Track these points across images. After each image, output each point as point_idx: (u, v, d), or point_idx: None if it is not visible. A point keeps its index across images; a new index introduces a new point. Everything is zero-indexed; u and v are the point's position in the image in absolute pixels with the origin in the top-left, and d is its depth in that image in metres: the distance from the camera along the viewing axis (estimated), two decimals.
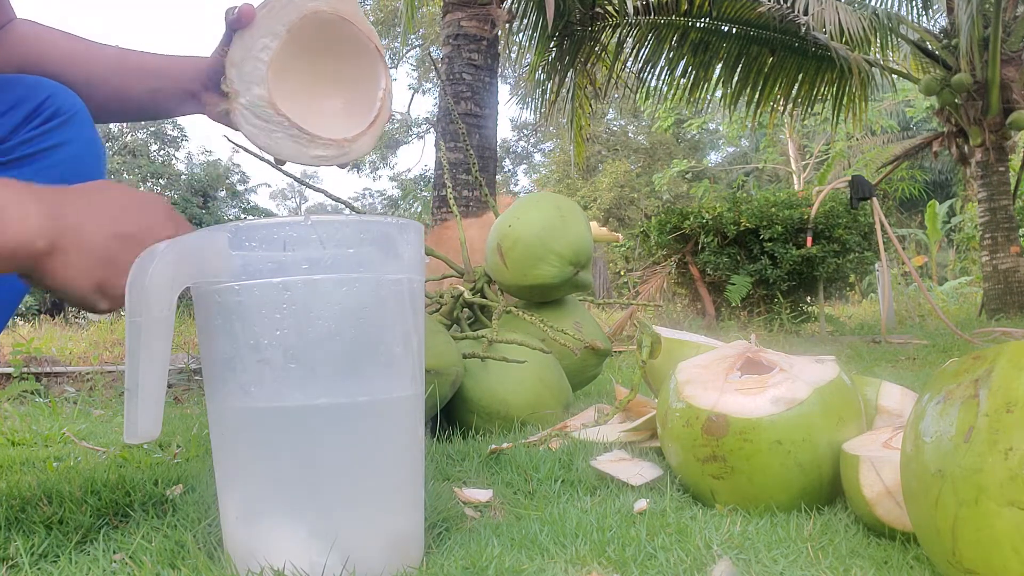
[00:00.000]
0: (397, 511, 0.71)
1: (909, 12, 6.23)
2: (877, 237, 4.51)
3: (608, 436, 1.18)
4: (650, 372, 1.28)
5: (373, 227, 0.69)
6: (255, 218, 0.81)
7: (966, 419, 0.61)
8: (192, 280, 0.66)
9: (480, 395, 1.39)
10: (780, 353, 1.00)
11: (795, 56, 5.92)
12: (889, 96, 13.16)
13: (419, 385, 0.73)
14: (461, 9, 4.44)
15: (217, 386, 0.69)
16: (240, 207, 19.55)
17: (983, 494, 0.58)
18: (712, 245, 5.37)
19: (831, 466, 0.87)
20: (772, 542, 0.77)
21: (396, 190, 23.47)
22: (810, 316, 5.49)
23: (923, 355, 3.06)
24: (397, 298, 0.70)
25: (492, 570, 0.69)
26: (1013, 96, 5.68)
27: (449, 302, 1.65)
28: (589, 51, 5.96)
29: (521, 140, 23.04)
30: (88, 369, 3.29)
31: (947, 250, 13.47)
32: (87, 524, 0.80)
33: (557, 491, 0.97)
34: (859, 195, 4.13)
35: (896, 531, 0.76)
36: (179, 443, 1.30)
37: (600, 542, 0.76)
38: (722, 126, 17.22)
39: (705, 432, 0.89)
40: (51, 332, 6.00)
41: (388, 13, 16.73)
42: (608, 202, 17.74)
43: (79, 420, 1.78)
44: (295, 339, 0.66)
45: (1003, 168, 5.91)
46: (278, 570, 0.65)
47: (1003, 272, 5.82)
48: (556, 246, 1.54)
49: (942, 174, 15.88)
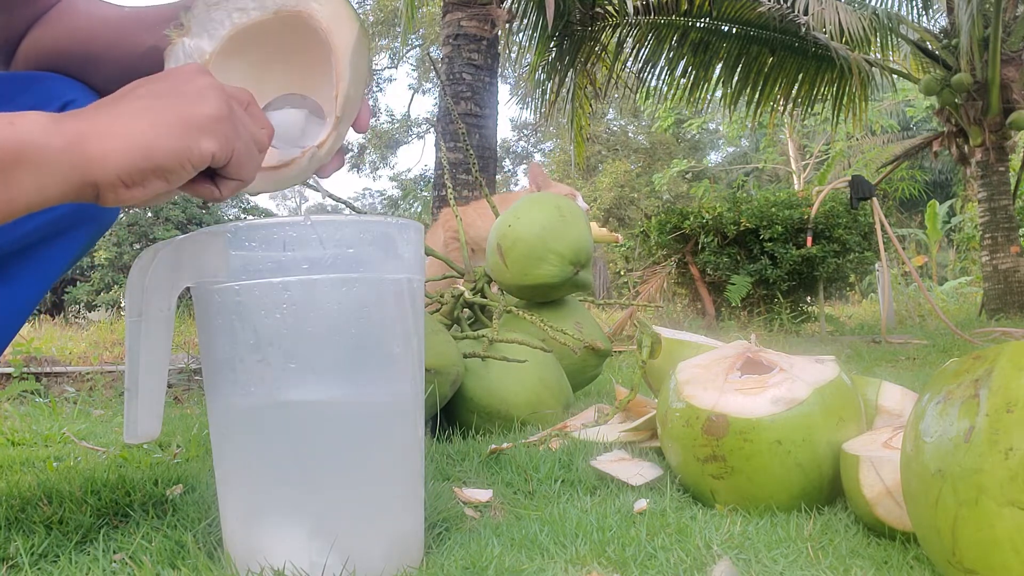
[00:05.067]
0: (397, 511, 0.71)
1: (909, 12, 6.23)
2: (877, 237, 4.51)
3: (608, 436, 1.18)
4: (650, 372, 1.28)
5: (373, 227, 0.69)
6: (255, 218, 0.81)
7: (966, 419, 0.61)
8: (192, 280, 0.66)
9: (480, 395, 1.39)
10: (780, 353, 1.00)
11: (795, 56, 5.92)
12: (889, 96, 13.15)
13: (419, 385, 0.73)
14: (461, 9, 4.44)
15: (217, 386, 0.69)
16: (240, 207, 19.55)
17: (983, 494, 0.58)
18: (712, 245, 5.37)
19: (831, 466, 0.87)
20: (772, 542, 0.77)
21: (396, 190, 23.47)
22: (810, 316, 5.49)
23: (923, 355, 3.06)
24: (397, 298, 0.70)
25: (492, 570, 0.69)
26: (1013, 96, 5.68)
27: (449, 302, 1.65)
28: (589, 51, 5.95)
29: (521, 140, 23.04)
30: (88, 369, 3.29)
31: (947, 250, 13.47)
32: (87, 524, 0.80)
33: (557, 491, 0.97)
34: (859, 195, 4.13)
35: (896, 531, 0.76)
36: (179, 443, 1.30)
37: (600, 542, 0.76)
38: (722, 126, 17.22)
39: (705, 432, 0.89)
40: (51, 332, 6.00)
41: (388, 13, 16.73)
42: (608, 202, 17.73)
43: (79, 420, 1.78)
44: (295, 339, 0.66)
45: (1003, 168, 5.90)
46: (278, 570, 0.65)
47: (1003, 272, 5.82)
48: (556, 246, 1.54)
49: (942, 174, 15.87)
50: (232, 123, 0.58)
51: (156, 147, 0.54)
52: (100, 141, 0.53)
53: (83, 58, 0.80)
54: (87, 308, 10.61)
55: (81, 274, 10.68)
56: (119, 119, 0.55)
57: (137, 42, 0.78)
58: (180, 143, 0.55)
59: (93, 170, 0.53)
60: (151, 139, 0.54)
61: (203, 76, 0.59)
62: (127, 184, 0.54)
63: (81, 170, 0.53)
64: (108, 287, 10.34)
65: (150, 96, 0.57)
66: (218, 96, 0.58)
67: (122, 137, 0.54)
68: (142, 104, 0.56)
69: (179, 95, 0.57)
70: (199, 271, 0.66)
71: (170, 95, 0.57)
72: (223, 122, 0.57)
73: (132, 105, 0.56)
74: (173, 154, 0.55)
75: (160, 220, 10.61)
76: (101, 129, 0.54)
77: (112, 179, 0.54)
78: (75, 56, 0.80)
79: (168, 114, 0.56)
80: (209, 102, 0.57)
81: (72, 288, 10.55)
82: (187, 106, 0.56)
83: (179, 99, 0.57)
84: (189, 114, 0.56)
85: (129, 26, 0.79)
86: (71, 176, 0.53)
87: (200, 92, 0.57)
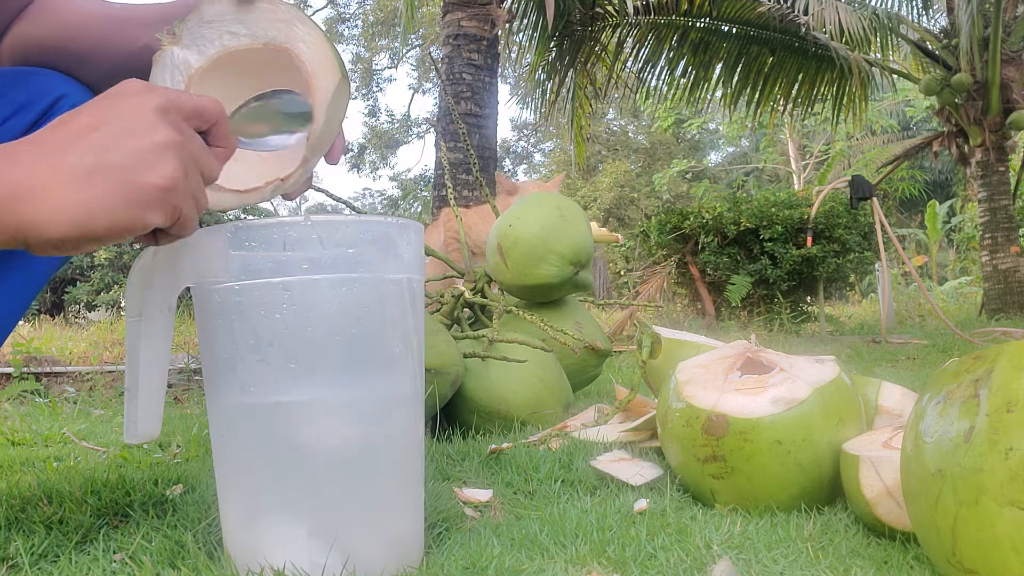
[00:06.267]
0: (397, 511, 0.71)
1: (909, 12, 6.23)
2: (877, 237, 4.51)
3: (608, 436, 1.18)
4: (650, 372, 1.28)
5: (373, 227, 0.69)
6: (255, 218, 0.81)
7: (966, 419, 0.61)
8: (192, 280, 0.66)
9: (480, 395, 1.39)
10: (780, 353, 1.00)
11: (795, 56, 5.92)
12: (889, 96, 13.15)
13: (419, 385, 0.73)
14: (461, 9, 4.44)
15: (217, 386, 0.69)
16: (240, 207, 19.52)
17: (983, 494, 0.58)
18: (712, 245, 5.37)
19: (831, 466, 0.87)
20: (772, 542, 0.77)
21: (396, 190, 23.47)
22: (810, 316, 5.49)
23: (923, 355, 3.06)
24: (397, 298, 0.70)
25: (492, 570, 0.69)
26: (1013, 96, 5.69)
27: (449, 302, 1.65)
28: (589, 51, 5.96)
29: (521, 140, 23.04)
30: (88, 369, 3.29)
31: (947, 250, 13.47)
32: (87, 524, 0.80)
33: (557, 491, 0.97)
34: (859, 195, 4.13)
35: (896, 531, 0.76)
36: (179, 443, 1.30)
37: (600, 542, 0.76)
38: (722, 126, 17.22)
39: (705, 432, 0.89)
40: (51, 332, 6.00)
41: (388, 13, 16.74)
42: (608, 202, 17.73)
43: (79, 420, 1.78)
44: (295, 339, 0.66)
45: (1003, 168, 5.91)
46: (278, 570, 0.65)
47: (1003, 272, 5.82)
48: (557, 246, 1.55)
49: (942, 174, 15.87)
50: (184, 189, 0.54)
51: (96, 221, 0.51)
52: (36, 203, 0.50)
53: (73, 54, 0.79)
54: (87, 308, 10.62)
55: (81, 274, 10.68)
56: (59, 178, 0.51)
57: (130, 39, 0.77)
58: (122, 217, 0.52)
59: (22, 230, 0.50)
60: (93, 212, 0.51)
61: (161, 128, 0.54)
62: (58, 248, 0.52)
63: (13, 228, 0.50)
64: (108, 287, 10.33)
65: (97, 151, 0.52)
66: (173, 158, 0.53)
67: (60, 208, 0.50)
68: (88, 163, 0.51)
69: (130, 157, 0.52)
70: (199, 271, 0.66)
71: (120, 155, 0.52)
72: (173, 192, 0.53)
73: (78, 161, 0.51)
74: (113, 227, 0.52)
75: None
76: (40, 186, 0.50)
77: (43, 244, 0.51)
78: (64, 51, 0.79)
79: (114, 183, 0.51)
80: (163, 168, 0.53)
81: (72, 288, 10.55)
82: (136, 174, 0.52)
83: (129, 163, 0.52)
84: (138, 185, 0.52)
85: (122, 22, 0.78)
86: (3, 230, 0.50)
87: (155, 154, 0.53)
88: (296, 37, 0.72)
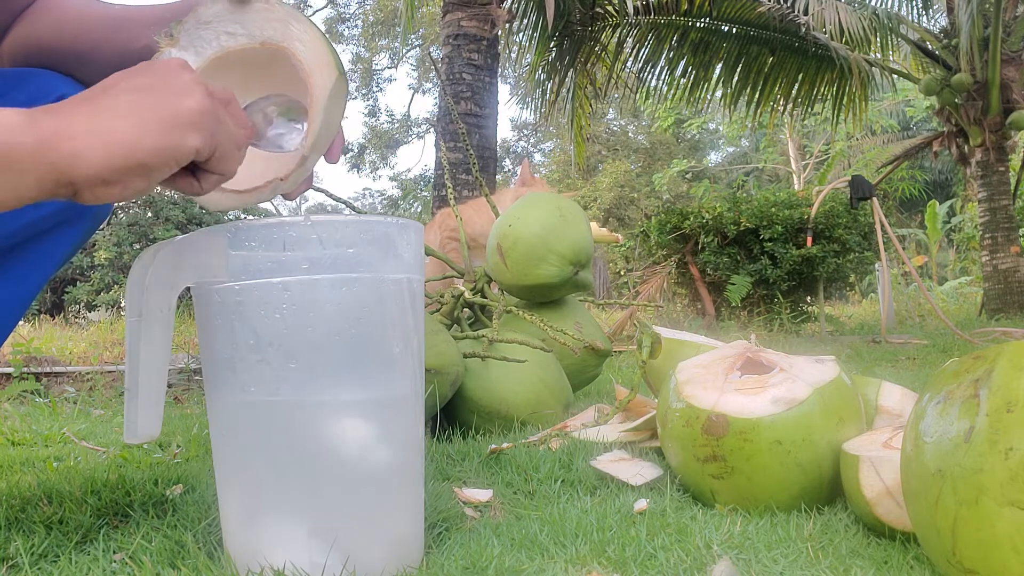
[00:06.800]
0: (397, 511, 0.71)
1: (909, 12, 6.23)
2: (877, 237, 4.51)
3: (608, 436, 1.18)
4: (650, 372, 1.28)
5: (373, 227, 0.69)
6: (255, 218, 0.81)
7: (966, 419, 0.61)
8: (192, 280, 0.66)
9: (480, 395, 1.39)
10: (780, 353, 1.00)
11: (795, 56, 5.92)
12: (889, 96, 13.15)
13: (419, 385, 0.73)
14: (461, 9, 4.44)
15: (217, 386, 0.69)
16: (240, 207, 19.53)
17: (983, 494, 0.58)
18: (712, 245, 5.37)
19: (831, 466, 0.87)
20: (772, 542, 0.77)
21: (396, 190, 23.47)
22: (810, 316, 5.49)
23: (923, 355, 3.06)
24: (397, 298, 0.70)
25: (492, 570, 0.69)
26: (1013, 96, 5.69)
27: (449, 302, 1.65)
28: (589, 51, 5.96)
29: (521, 140, 23.04)
30: (88, 369, 3.29)
31: (947, 250, 13.46)
32: (87, 524, 0.80)
33: (557, 491, 0.97)
34: (859, 195, 4.13)
35: (896, 531, 0.76)
36: (179, 443, 1.30)
37: (600, 542, 0.76)
38: (722, 126, 17.22)
39: (705, 432, 0.89)
40: (51, 332, 6.00)
41: (388, 13, 16.74)
42: (608, 202, 17.73)
43: (79, 420, 1.78)
44: (295, 339, 0.66)
45: (1003, 168, 5.91)
46: (278, 570, 0.65)
47: (1003, 272, 5.82)
48: (557, 246, 1.55)
49: (942, 174, 15.87)
50: (216, 117, 0.57)
51: (140, 145, 0.53)
52: (77, 139, 0.52)
53: (73, 54, 0.79)
54: (87, 308, 10.61)
55: (81, 274, 10.67)
56: (100, 116, 0.53)
57: (130, 40, 0.77)
58: (165, 140, 0.54)
59: (69, 169, 0.51)
60: (135, 137, 0.53)
61: (185, 71, 0.58)
62: (106, 182, 0.53)
63: (56, 169, 0.51)
64: (108, 287, 10.33)
65: (133, 91, 0.55)
66: (202, 91, 0.57)
67: (103, 135, 0.52)
68: (125, 100, 0.55)
69: (162, 89, 0.56)
70: (199, 271, 0.66)
71: (153, 90, 0.56)
72: (207, 116, 0.56)
73: (115, 100, 0.55)
74: (158, 151, 0.54)
75: (160, 220, 10.60)
76: (79, 127, 0.52)
77: (90, 178, 0.52)
78: (64, 52, 0.79)
79: (152, 110, 0.54)
80: (193, 96, 0.56)
81: (72, 288, 10.54)
82: (171, 101, 0.55)
83: (163, 94, 0.55)
84: (174, 109, 0.55)
85: (122, 23, 0.78)
86: (46, 175, 0.51)
87: (184, 86, 0.56)
88: (292, 36, 0.72)
